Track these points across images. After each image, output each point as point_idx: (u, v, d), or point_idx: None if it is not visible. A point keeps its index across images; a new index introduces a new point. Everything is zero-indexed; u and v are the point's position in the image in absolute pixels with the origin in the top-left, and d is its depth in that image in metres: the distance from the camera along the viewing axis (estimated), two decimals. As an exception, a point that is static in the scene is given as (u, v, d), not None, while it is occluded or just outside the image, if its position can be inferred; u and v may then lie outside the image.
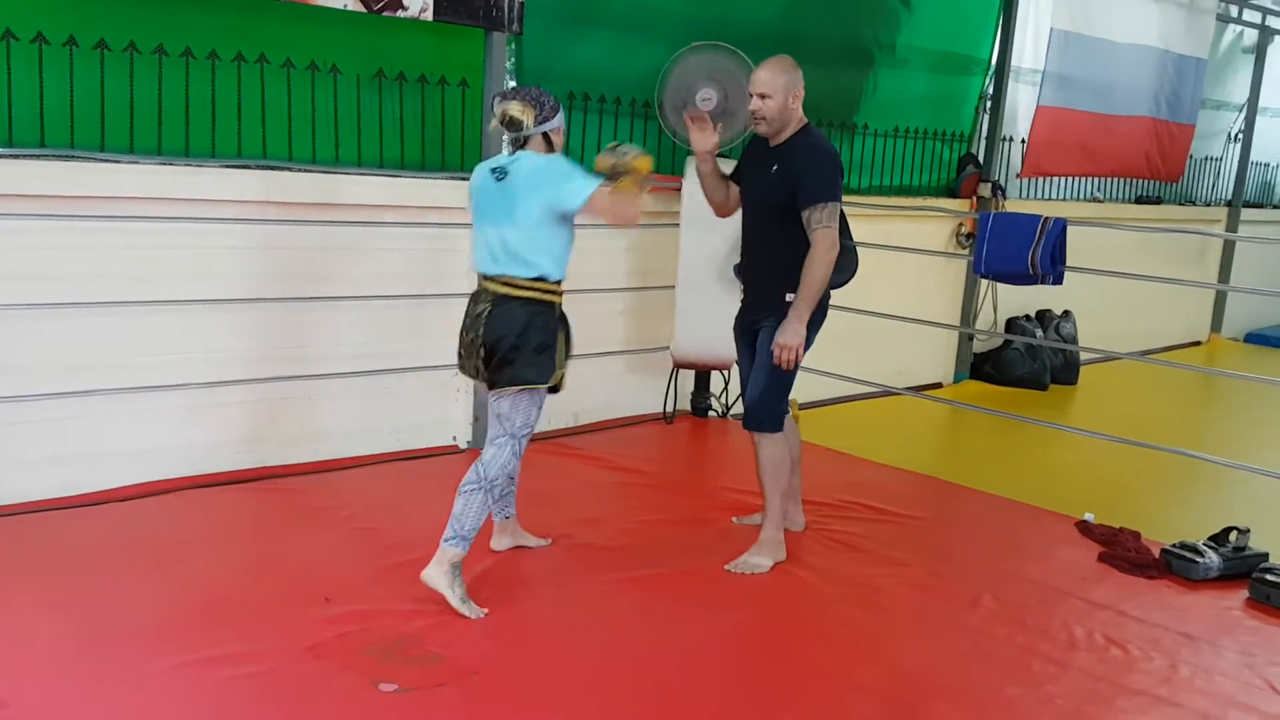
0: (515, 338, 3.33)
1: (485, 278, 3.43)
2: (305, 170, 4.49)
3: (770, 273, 3.81)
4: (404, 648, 3.05)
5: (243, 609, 3.23)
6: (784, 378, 3.80)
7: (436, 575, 3.31)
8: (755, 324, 3.89)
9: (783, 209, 3.71)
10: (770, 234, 3.80)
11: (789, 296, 3.71)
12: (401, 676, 2.89)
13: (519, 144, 3.40)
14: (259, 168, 4.37)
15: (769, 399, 3.83)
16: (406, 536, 3.83)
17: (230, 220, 4.29)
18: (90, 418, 4.11)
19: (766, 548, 3.90)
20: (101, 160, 4.01)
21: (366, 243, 4.69)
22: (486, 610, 3.32)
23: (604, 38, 5.45)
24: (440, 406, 5.08)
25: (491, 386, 3.43)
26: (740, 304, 4.03)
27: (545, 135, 3.41)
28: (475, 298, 3.48)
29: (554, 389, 3.50)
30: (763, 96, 3.73)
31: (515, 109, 3.32)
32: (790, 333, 3.65)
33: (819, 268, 3.63)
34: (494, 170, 3.41)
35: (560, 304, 3.45)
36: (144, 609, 3.20)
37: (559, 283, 3.41)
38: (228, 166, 4.30)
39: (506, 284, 3.36)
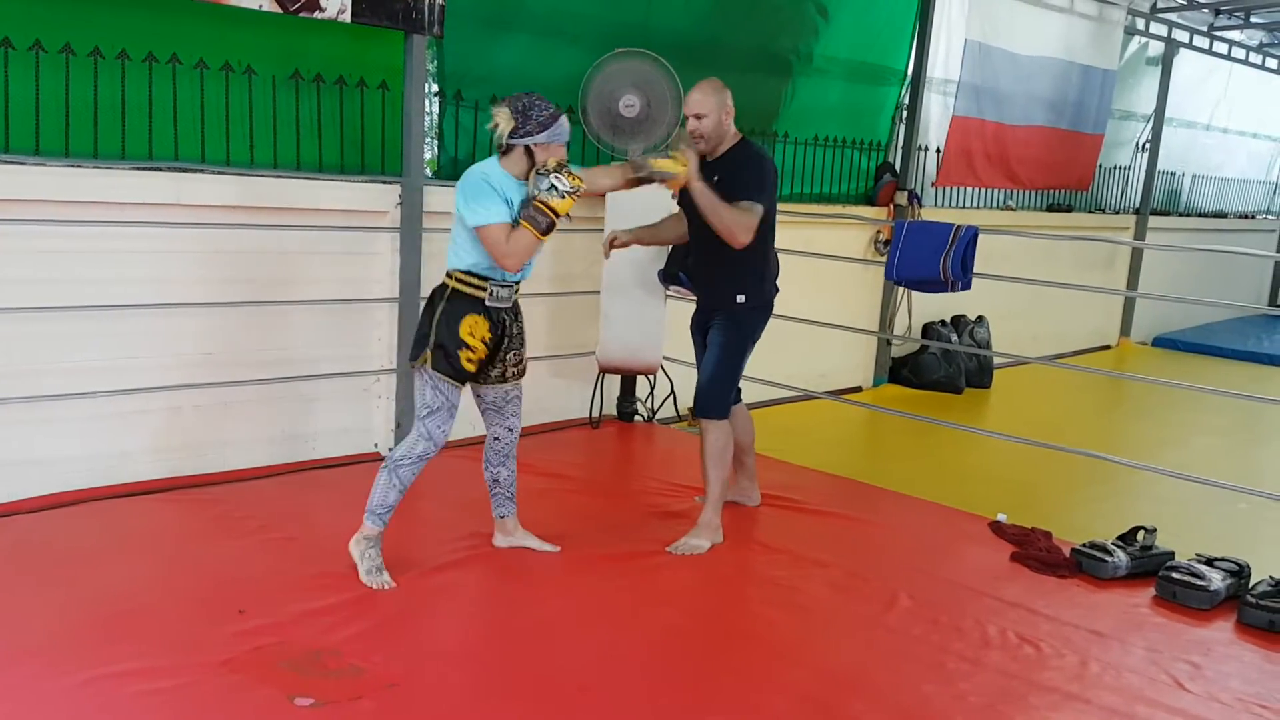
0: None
1: None
2: (218, 172, 4.39)
3: (720, 277, 4.10)
4: (321, 660, 3.00)
5: (153, 622, 3.15)
6: (731, 369, 4.11)
7: (352, 546, 3.55)
8: (709, 322, 4.19)
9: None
10: (715, 242, 3.95)
11: (740, 298, 4.05)
12: (318, 690, 2.83)
13: (501, 149, 3.48)
14: (170, 170, 4.27)
15: (716, 387, 4.10)
16: (324, 546, 3.77)
17: (140, 224, 4.18)
18: (-8, 427, 3.98)
19: (705, 531, 4.09)
20: (6, 162, 3.88)
21: (282, 246, 4.61)
22: (395, 584, 3.47)
23: (525, 41, 5.43)
24: (362, 413, 5.02)
25: None
26: (696, 305, 4.35)
27: (528, 149, 3.44)
28: None
29: (461, 379, 3.54)
30: (698, 117, 3.96)
31: (500, 115, 3.42)
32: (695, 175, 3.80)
33: (733, 215, 3.82)
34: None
35: (463, 292, 3.51)
36: (48, 623, 3.10)
37: (475, 277, 3.51)
38: (138, 169, 4.20)
39: (444, 273, 3.58)
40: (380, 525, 3.54)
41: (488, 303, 3.53)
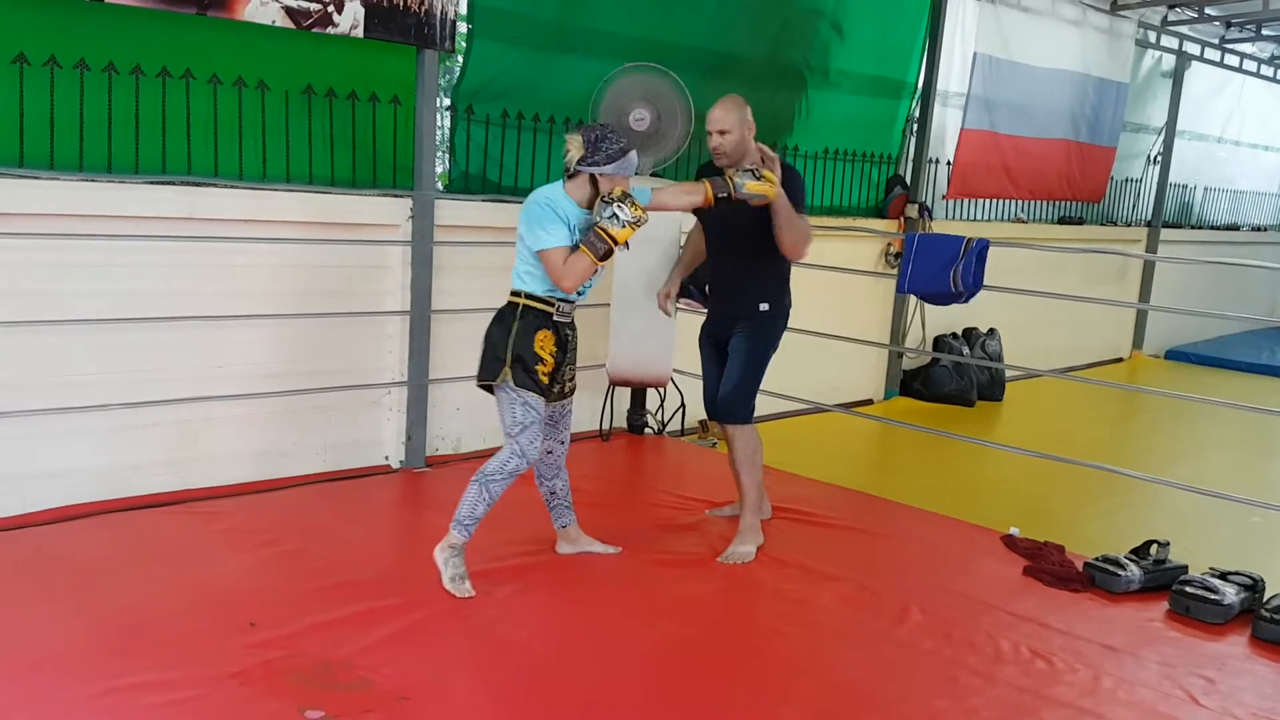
0: (485, 339, 3.66)
1: None
2: (230, 186, 4.42)
3: (745, 287, 4.18)
4: (331, 673, 3.00)
5: (165, 635, 3.15)
6: (756, 374, 4.18)
7: (437, 552, 3.60)
8: (728, 331, 4.23)
9: (753, 229, 4.01)
10: (742, 253, 4.13)
11: (764, 306, 4.16)
12: (328, 703, 2.83)
13: (568, 173, 3.60)
14: (183, 184, 4.30)
15: (742, 393, 4.16)
16: (333, 559, 3.78)
17: (153, 237, 4.21)
18: (5, 439, 3.99)
19: (749, 535, 4.17)
20: (21, 176, 3.91)
21: (294, 260, 4.63)
22: (474, 592, 3.53)
23: (538, 57, 5.46)
24: (373, 426, 5.03)
25: None
26: (710, 317, 4.39)
27: (592, 177, 3.54)
28: None
29: (542, 393, 3.61)
30: (722, 133, 4.04)
31: (572, 144, 3.56)
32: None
33: (806, 229, 4.02)
34: None
35: (535, 309, 3.60)
36: (62, 635, 3.11)
37: (535, 294, 3.60)
38: (151, 183, 4.22)
39: (510, 294, 3.66)
40: (466, 536, 3.60)
41: (555, 318, 3.64)
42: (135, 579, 3.56)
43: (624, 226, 3.52)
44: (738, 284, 4.23)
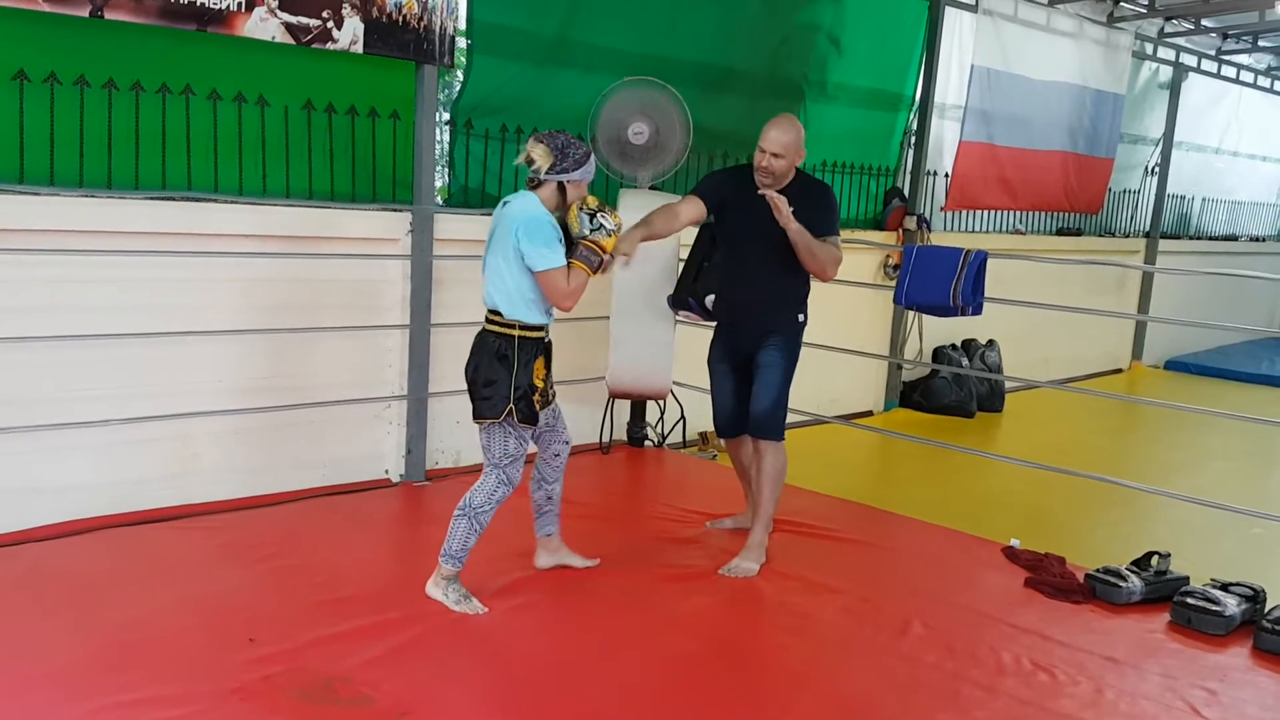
0: (475, 372, 3.55)
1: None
2: (230, 202, 4.43)
3: (775, 299, 4.17)
4: (332, 688, 2.99)
5: (164, 650, 3.15)
6: (788, 388, 4.19)
7: (432, 587, 3.58)
8: (757, 346, 4.18)
9: (783, 241, 4.00)
10: (775, 265, 4.10)
11: (800, 318, 4.21)
12: (329, 718, 2.82)
13: (532, 183, 3.53)
14: (183, 199, 4.31)
15: (778, 409, 4.17)
16: (334, 573, 3.77)
17: (153, 253, 4.21)
18: (5, 455, 3.99)
19: (755, 551, 4.16)
20: (21, 192, 3.92)
21: (294, 274, 4.64)
22: (488, 608, 3.53)
23: (537, 72, 5.48)
24: (372, 440, 5.03)
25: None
26: (724, 334, 4.35)
27: (560, 185, 3.50)
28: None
29: (528, 422, 3.54)
30: (776, 155, 3.98)
31: (538, 152, 3.48)
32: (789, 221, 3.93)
33: (830, 253, 4.07)
34: (504, 201, 3.59)
35: (531, 339, 3.52)
36: (61, 651, 3.10)
37: (531, 324, 3.51)
38: (151, 198, 4.23)
39: (488, 318, 3.55)
40: (459, 567, 3.58)
41: (545, 339, 3.60)
42: (135, 594, 3.55)
43: (609, 235, 3.51)
44: (770, 295, 4.18)
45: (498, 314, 3.52)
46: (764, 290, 4.19)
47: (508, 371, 3.48)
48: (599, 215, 3.50)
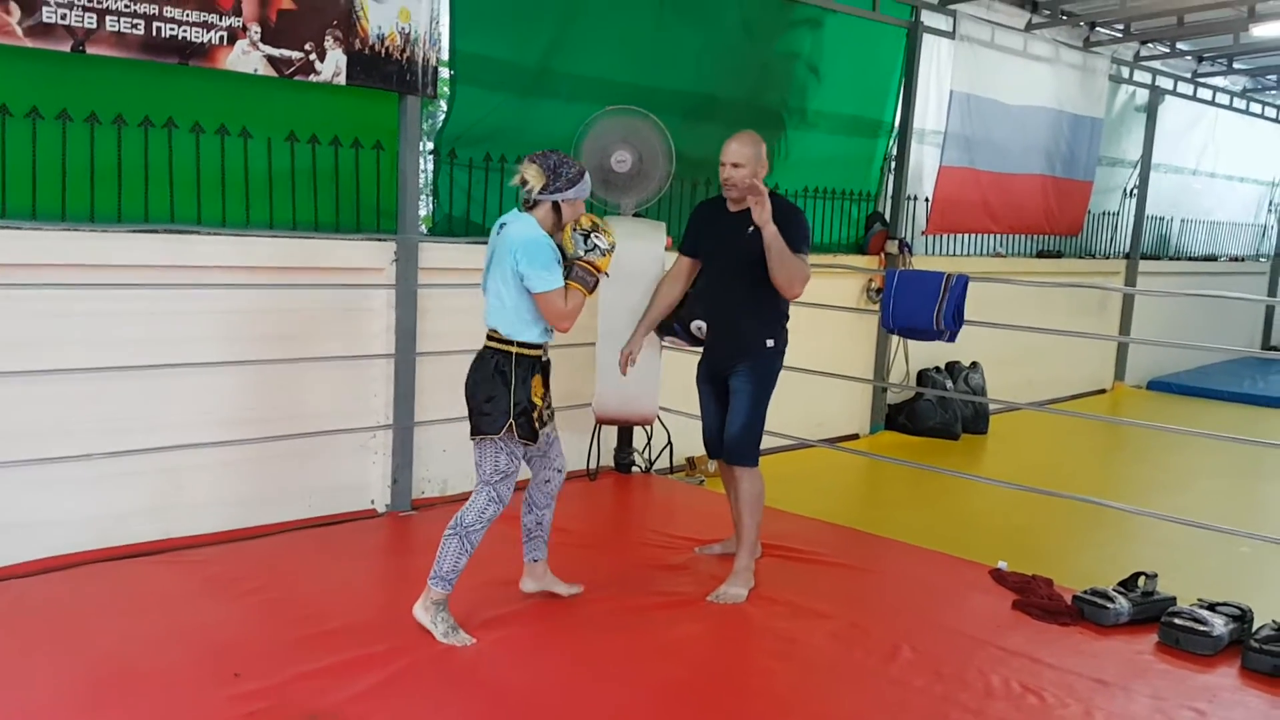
0: (474, 388, 3.56)
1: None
2: (214, 233, 4.42)
3: (747, 324, 4.16)
4: (318, 722, 2.97)
5: (148, 686, 3.12)
6: (761, 414, 4.18)
7: (420, 611, 3.55)
8: (729, 370, 4.19)
9: (758, 264, 4.01)
10: (745, 289, 4.12)
11: (769, 343, 4.15)
12: (315, 752, 2.80)
13: (527, 204, 3.55)
14: (166, 232, 4.30)
15: (750, 435, 4.17)
16: (319, 606, 3.75)
17: (136, 285, 4.20)
18: (-13, 491, 3.96)
19: (743, 577, 4.15)
20: (3, 226, 3.90)
21: (278, 305, 4.63)
22: (475, 640, 3.50)
23: (524, 102, 5.51)
24: (358, 470, 5.01)
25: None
26: (706, 355, 4.37)
27: (555, 204, 3.52)
28: None
29: (529, 438, 3.57)
30: (735, 165, 4.05)
31: (530, 173, 3.50)
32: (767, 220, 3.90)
33: (799, 265, 3.99)
34: (501, 223, 3.59)
35: (528, 356, 3.55)
36: (43, 688, 3.07)
37: (529, 342, 3.54)
38: (134, 231, 4.23)
39: (489, 337, 3.57)
40: (448, 589, 3.55)
41: (543, 358, 3.62)
42: (118, 630, 3.52)
43: (604, 255, 3.54)
44: (739, 319, 4.20)
45: (497, 333, 3.55)
46: (732, 313, 4.23)
47: (506, 387, 3.51)
48: (593, 235, 3.53)
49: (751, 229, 3.99)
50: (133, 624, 3.58)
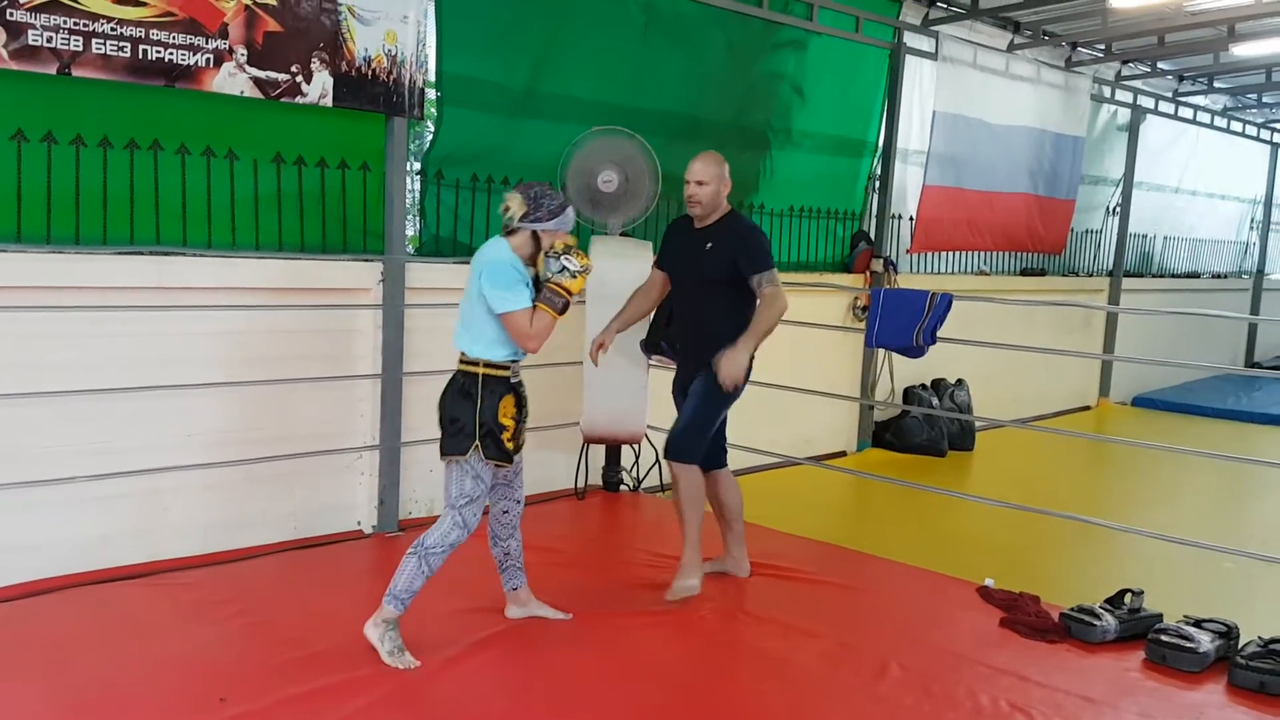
0: (442, 409, 3.61)
1: None
2: (200, 254, 4.42)
3: (710, 337, 4.18)
4: (305, 746, 2.95)
5: (132, 712, 3.09)
6: (710, 416, 4.23)
7: (370, 629, 3.53)
8: (692, 378, 4.28)
9: (720, 281, 4.16)
10: (707, 303, 4.25)
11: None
12: (302, 776, 2.78)
13: (507, 230, 3.59)
14: (152, 253, 4.29)
15: (691, 433, 4.21)
16: (305, 629, 3.73)
17: (122, 308, 4.19)
18: (-30, 514, 3.93)
19: (690, 570, 4.22)
20: (-14, 249, 3.90)
21: (265, 326, 4.62)
22: (419, 663, 3.46)
23: (511, 123, 5.53)
24: (345, 490, 4.99)
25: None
26: (679, 368, 4.47)
27: (534, 233, 3.56)
28: None
29: (508, 459, 3.60)
30: (699, 183, 4.19)
31: (513, 201, 3.56)
32: (733, 362, 4.01)
33: (773, 314, 4.11)
34: (481, 247, 3.65)
35: (496, 377, 3.56)
36: (27, 714, 3.04)
37: (495, 362, 3.56)
38: (120, 253, 4.22)
39: (459, 359, 3.61)
40: (401, 609, 3.53)
41: (511, 380, 3.62)
42: (103, 654, 3.49)
43: (574, 277, 3.57)
44: (704, 331, 4.26)
45: (464, 354, 3.59)
46: (698, 326, 4.32)
47: (472, 407, 3.53)
48: (564, 258, 3.57)
49: (710, 245, 4.16)
50: (117, 648, 3.56)
